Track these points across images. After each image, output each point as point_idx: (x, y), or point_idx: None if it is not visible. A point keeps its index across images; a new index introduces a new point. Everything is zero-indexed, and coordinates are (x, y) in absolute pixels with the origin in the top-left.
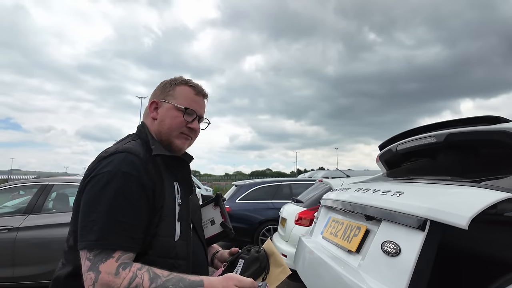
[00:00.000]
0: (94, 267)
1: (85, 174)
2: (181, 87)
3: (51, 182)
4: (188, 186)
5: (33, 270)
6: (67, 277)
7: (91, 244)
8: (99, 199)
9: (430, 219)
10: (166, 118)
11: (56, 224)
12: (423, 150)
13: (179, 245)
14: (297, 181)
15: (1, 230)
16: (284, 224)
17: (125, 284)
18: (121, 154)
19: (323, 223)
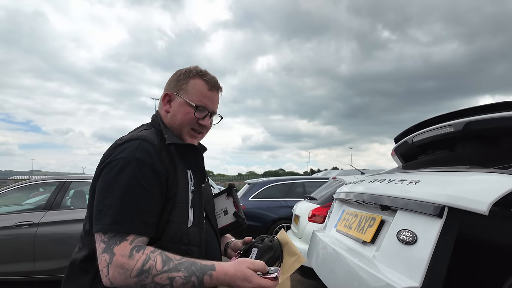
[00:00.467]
0: (109, 249)
1: (101, 160)
2: (194, 81)
3: (69, 179)
4: (201, 175)
5: (52, 265)
6: (83, 260)
7: (105, 227)
8: (114, 185)
9: (448, 206)
10: (177, 113)
11: (74, 220)
12: (440, 141)
13: (192, 231)
14: (310, 179)
15: (22, 226)
16: (297, 221)
17: (138, 265)
18: (135, 142)
19: (336, 216)
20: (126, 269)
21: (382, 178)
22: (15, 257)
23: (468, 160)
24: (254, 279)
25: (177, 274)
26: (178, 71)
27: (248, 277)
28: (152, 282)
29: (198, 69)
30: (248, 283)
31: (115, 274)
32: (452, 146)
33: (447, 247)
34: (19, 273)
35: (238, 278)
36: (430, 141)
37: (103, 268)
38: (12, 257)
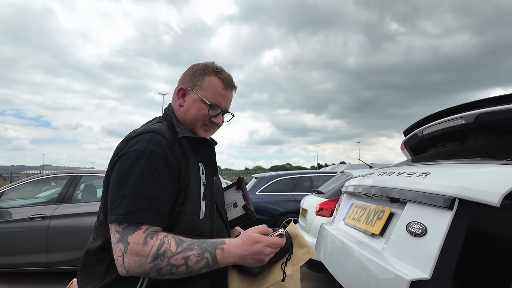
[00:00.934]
0: (123, 239)
1: (114, 152)
2: (210, 78)
3: (80, 173)
4: (213, 167)
5: (65, 256)
6: (98, 250)
7: (120, 218)
8: (128, 176)
9: (459, 198)
10: (191, 108)
11: (85, 213)
12: (451, 134)
13: (203, 223)
14: (317, 173)
15: (35, 218)
16: (304, 215)
17: (153, 250)
18: (148, 134)
19: (345, 209)
20: (141, 255)
21: (391, 171)
22: (29, 248)
23: (479, 153)
24: (263, 238)
25: (191, 253)
26: (195, 66)
27: (256, 239)
28: (167, 264)
29: (214, 65)
30: (259, 244)
31: (130, 262)
32: (463, 138)
33: (457, 240)
34: (33, 264)
35: (247, 244)
36: (441, 134)
37: (118, 257)
38: (26, 248)
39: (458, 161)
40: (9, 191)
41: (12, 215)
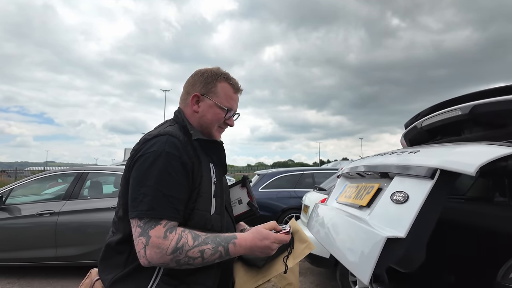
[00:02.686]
0: (145, 233)
1: (131, 154)
2: (222, 84)
3: (86, 170)
4: (222, 167)
5: (73, 251)
6: (118, 243)
7: (141, 213)
8: (147, 175)
9: (440, 168)
10: (208, 114)
11: (91, 209)
12: (449, 126)
13: (214, 218)
14: (319, 170)
15: (44, 214)
16: (306, 211)
17: (173, 244)
18: (163, 137)
19: (338, 191)
20: (162, 248)
21: (385, 153)
22: (38, 244)
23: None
24: (271, 235)
25: (206, 247)
26: (203, 73)
27: (265, 235)
28: (185, 256)
29: (223, 72)
30: (267, 240)
31: (152, 254)
32: (460, 131)
33: (435, 208)
34: (42, 258)
35: (257, 238)
36: (439, 126)
37: (140, 250)
38: (36, 244)
39: (449, 144)
40: (17, 188)
41: (21, 211)
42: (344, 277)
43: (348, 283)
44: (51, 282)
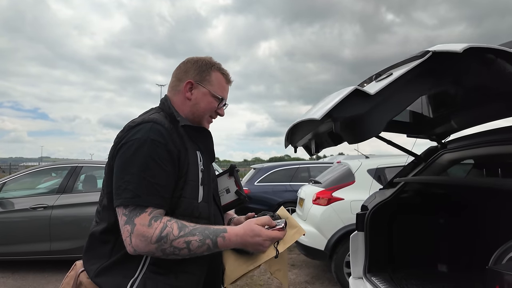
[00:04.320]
0: (130, 221)
1: (115, 141)
2: (216, 74)
3: (80, 164)
4: (210, 155)
5: (67, 245)
6: (102, 232)
7: (126, 201)
8: (131, 163)
9: (432, 50)
10: (201, 102)
11: (85, 203)
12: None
13: (202, 206)
14: (315, 164)
15: (37, 208)
16: (302, 204)
17: (157, 233)
18: (147, 124)
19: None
20: (146, 236)
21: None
22: (32, 237)
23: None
24: (263, 233)
25: (193, 238)
26: (196, 60)
27: (257, 232)
28: (170, 246)
29: (214, 61)
30: (258, 237)
31: (137, 242)
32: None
33: (412, 90)
34: (36, 252)
35: (248, 235)
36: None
37: (126, 238)
38: (30, 237)
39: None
40: (10, 182)
41: (15, 205)
42: (339, 269)
43: (343, 274)
44: (45, 276)
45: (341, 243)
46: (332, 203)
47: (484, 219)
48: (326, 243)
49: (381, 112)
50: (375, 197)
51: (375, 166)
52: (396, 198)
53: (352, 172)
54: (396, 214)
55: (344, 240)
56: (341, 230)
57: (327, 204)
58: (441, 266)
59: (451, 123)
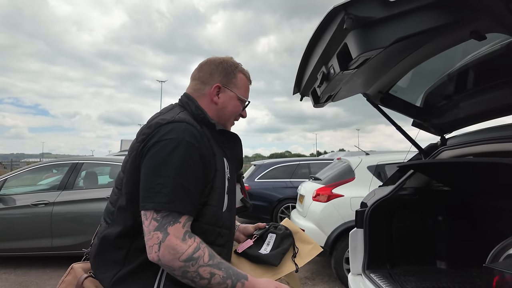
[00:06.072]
0: (162, 228)
1: (141, 138)
2: (240, 76)
3: (81, 161)
4: (237, 163)
5: (68, 241)
6: (117, 237)
7: (160, 206)
8: (166, 165)
9: None
10: (228, 105)
11: (87, 200)
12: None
13: (225, 215)
14: (315, 161)
15: (39, 205)
16: (302, 201)
17: (189, 252)
18: (180, 124)
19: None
20: (177, 251)
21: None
22: (33, 234)
23: None
24: None
25: (218, 272)
26: (220, 62)
27: None
28: (195, 272)
29: (236, 62)
30: None
31: (165, 253)
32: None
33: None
34: (38, 248)
35: None
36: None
37: (154, 244)
38: (31, 234)
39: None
40: (11, 178)
41: (16, 202)
42: (338, 265)
43: (343, 271)
44: (47, 272)
45: (340, 240)
46: (332, 199)
47: (484, 216)
48: (326, 240)
49: (394, 26)
50: (374, 194)
51: (375, 163)
52: (395, 195)
53: (352, 169)
54: (396, 211)
55: (343, 237)
56: (341, 226)
57: (327, 201)
58: (440, 263)
59: (459, 111)
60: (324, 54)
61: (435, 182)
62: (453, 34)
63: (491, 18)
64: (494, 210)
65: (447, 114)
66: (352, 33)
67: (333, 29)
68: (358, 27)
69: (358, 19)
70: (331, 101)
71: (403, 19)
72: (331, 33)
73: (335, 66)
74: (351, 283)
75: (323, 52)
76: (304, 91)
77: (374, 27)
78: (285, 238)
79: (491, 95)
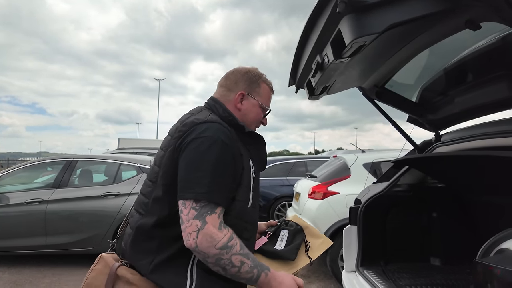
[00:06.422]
0: (201, 217)
1: (178, 135)
2: (264, 86)
3: (75, 158)
4: (261, 163)
5: (63, 239)
6: (153, 226)
7: (200, 196)
8: (205, 159)
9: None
10: (250, 112)
11: (81, 198)
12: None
13: (250, 211)
14: (311, 159)
15: (33, 203)
16: (298, 198)
17: (224, 240)
18: (214, 124)
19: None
20: (214, 239)
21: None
22: (27, 232)
23: None
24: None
25: (247, 261)
26: (246, 72)
27: (292, 285)
28: (228, 259)
29: (260, 72)
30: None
31: (202, 240)
32: None
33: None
34: (32, 247)
35: (285, 285)
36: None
37: (193, 231)
38: (25, 232)
39: None
40: (5, 176)
41: (10, 200)
42: (334, 263)
43: (338, 268)
44: (41, 270)
45: (336, 237)
46: (328, 197)
47: (478, 212)
48: None
49: (388, 11)
50: (368, 190)
51: (370, 160)
52: (389, 191)
53: (348, 166)
54: (389, 207)
55: (339, 234)
56: (336, 224)
57: (323, 198)
58: (434, 260)
59: (454, 107)
60: (318, 42)
61: (430, 179)
62: (448, 23)
63: (486, 6)
64: (488, 206)
65: (442, 109)
66: (345, 18)
67: (326, 15)
68: (352, 12)
69: (351, 3)
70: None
71: (397, 4)
72: (325, 19)
73: (329, 54)
74: (344, 280)
75: (317, 40)
76: (299, 82)
77: (367, 12)
78: (297, 234)
79: (486, 90)
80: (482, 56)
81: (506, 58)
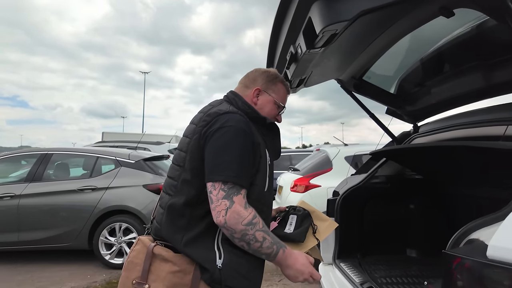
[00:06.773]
0: (229, 197)
1: (203, 124)
2: (280, 85)
3: (50, 151)
4: (275, 153)
5: (38, 235)
6: (183, 205)
7: (228, 178)
8: (231, 146)
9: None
10: (265, 107)
11: (57, 192)
12: None
13: (266, 195)
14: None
15: (4, 198)
16: (280, 192)
17: (250, 217)
18: (235, 115)
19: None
20: (240, 216)
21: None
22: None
23: None
24: (310, 268)
25: (268, 237)
26: (265, 71)
27: (307, 265)
28: (252, 234)
29: (279, 74)
30: (306, 268)
31: (231, 217)
32: None
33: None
34: (4, 243)
35: (299, 262)
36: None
37: (222, 210)
38: None
39: None
40: None
41: None
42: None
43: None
44: (16, 267)
45: None
46: (309, 190)
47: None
48: None
49: None
50: (346, 182)
51: (352, 153)
52: (367, 183)
53: (330, 159)
54: (367, 199)
55: None
56: None
57: (304, 191)
58: (411, 251)
59: (431, 98)
60: (290, 31)
61: (408, 171)
62: (422, 11)
63: None
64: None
65: (420, 100)
66: (315, 4)
67: (296, 1)
68: (320, 4)
69: None
70: (304, 86)
71: None
72: (295, 5)
73: (301, 44)
74: (321, 273)
75: (289, 29)
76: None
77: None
78: (305, 218)
79: (462, 80)
80: (458, 46)
81: (481, 47)
